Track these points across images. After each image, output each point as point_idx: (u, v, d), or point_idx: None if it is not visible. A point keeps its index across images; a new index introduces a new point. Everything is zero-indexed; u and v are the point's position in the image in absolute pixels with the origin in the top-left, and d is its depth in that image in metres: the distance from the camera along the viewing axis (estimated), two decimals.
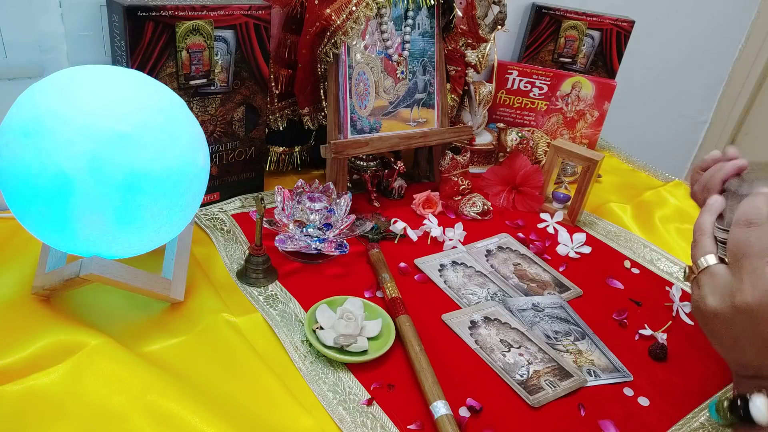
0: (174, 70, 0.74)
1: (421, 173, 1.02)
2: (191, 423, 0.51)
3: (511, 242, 0.89)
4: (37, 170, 0.50)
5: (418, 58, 0.92)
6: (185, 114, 0.59)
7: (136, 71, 0.58)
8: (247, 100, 0.83)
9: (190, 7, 0.72)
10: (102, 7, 0.76)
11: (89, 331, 0.57)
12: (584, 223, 0.97)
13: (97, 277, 0.56)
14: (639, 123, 1.68)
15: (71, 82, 0.53)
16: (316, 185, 0.79)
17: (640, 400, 0.64)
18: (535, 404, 0.61)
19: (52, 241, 0.56)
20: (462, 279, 0.79)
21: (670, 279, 0.86)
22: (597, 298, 0.80)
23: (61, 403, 0.52)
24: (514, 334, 0.70)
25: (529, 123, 1.18)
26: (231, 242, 0.78)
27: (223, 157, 0.84)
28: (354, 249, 0.80)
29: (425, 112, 0.94)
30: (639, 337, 0.73)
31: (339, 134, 0.85)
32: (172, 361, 0.58)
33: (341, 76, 0.84)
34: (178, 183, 0.56)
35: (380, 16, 0.85)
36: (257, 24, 0.78)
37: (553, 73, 1.14)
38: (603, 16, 1.20)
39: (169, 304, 0.65)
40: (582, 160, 0.91)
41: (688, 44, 1.62)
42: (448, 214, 0.93)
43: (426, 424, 0.57)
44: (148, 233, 0.57)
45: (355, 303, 0.67)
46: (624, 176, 1.19)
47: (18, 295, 0.62)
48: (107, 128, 0.51)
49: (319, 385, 0.59)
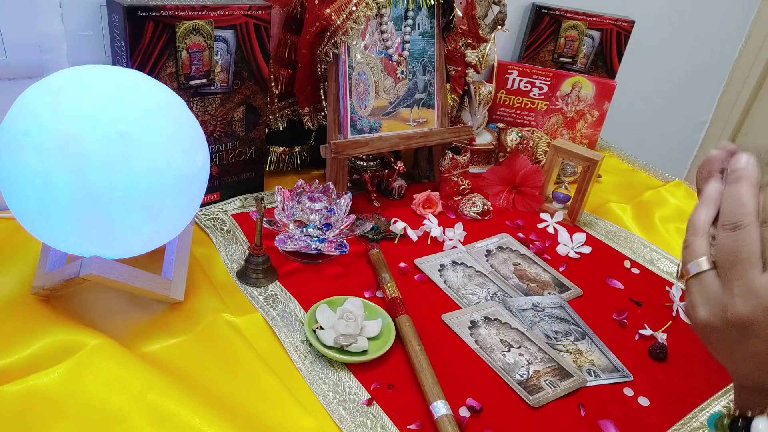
0: (174, 70, 0.74)
1: (421, 173, 1.02)
2: (191, 423, 0.51)
3: (511, 242, 0.89)
4: (37, 170, 0.50)
5: (418, 58, 0.92)
6: (185, 114, 0.59)
7: (136, 71, 0.58)
8: (247, 100, 0.83)
9: (190, 7, 0.72)
10: (102, 7, 0.76)
11: (89, 331, 0.57)
12: (584, 223, 0.97)
13: (97, 277, 0.56)
14: (639, 123, 1.68)
15: (71, 82, 0.53)
16: (316, 185, 0.79)
17: (640, 400, 0.64)
18: (535, 404, 0.61)
19: (52, 241, 0.56)
20: (462, 279, 0.79)
21: (670, 279, 0.86)
22: (597, 298, 0.80)
23: (61, 403, 0.52)
24: (514, 334, 0.70)
25: (529, 123, 1.18)
26: (231, 242, 0.78)
27: (223, 157, 0.84)
28: (354, 249, 0.80)
29: (425, 112, 0.94)
30: (639, 337, 0.73)
31: (339, 134, 0.85)
32: (172, 361, 0.58)
33: (341, 76, 0.84)
34: (177, 183, 0.56)
35: (380, 16, 0.85)
36: (257, 24, 0.78)
37: (553, 73, 1.14)
38: (603, 16, 1.20)
39: (169, 304, 0.65)
40: (582, 160, 0.91)
41: (688, 44, 1.62)
42: (448, 214, 0.93)
43: (426, 424, 0.57)
44: (148, 233, 0.57)
45: (355, 303, 0.67)
46: (624, 176, 1.19)
47: (18, 295, 0.62)
48: (107, 128, 0.51)
49: (319, 385, 0.59)
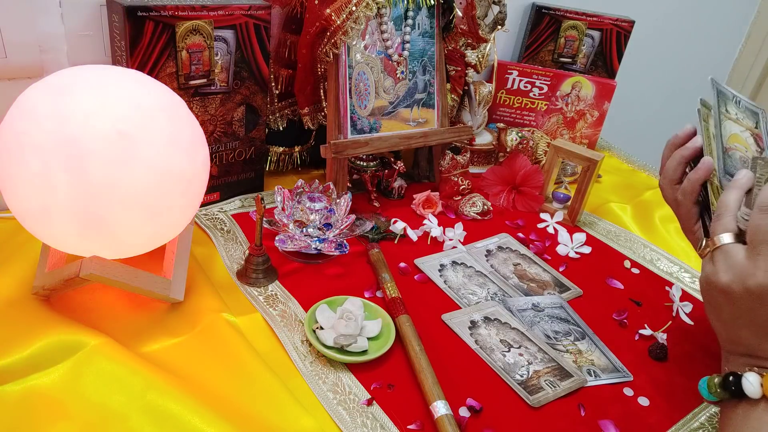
0: (174, 70, 0.74)
1: (421, 173, 1.02)
2: (191, 423, 0.51)
3: (511, 242, 0.89)
4: (37, 170, 0.50)
5: (418, 58, 0.92)
6: (185, 114, 0.59)
7: (136, 71, 0.58)
8: (247, 100, 0.83)
9: (190, 7, 0.72)
10: (102, 7, 0.76)
11: (89, 331, 0.57)
12: (584, 223, 0.97)
13: (97, 277, 0.56)
14: (639, 123, 1.68)
15: (71, 82, 0.53)
16: (316, 185, 0.79)
17: (640, 400, 0.64)
18: (535, 404, 0.61)
19: (52, 241, 0.56)
20: (462, 279, 0.79)
21: (670, 279, 0.86)
22: (597, 298, 0.80)
23: (61, 403, 0.52)
24: (514, 334, 0.70)
25: (529, 123, 1.18)
26: (231, 242, 0.78)
27: (223, 157, 0.84)
28: (354, 249, 0.80)
29: (425, 112, 0.94)
30: (639, 337, 0.73)
31: (339, 134, 0.85)
32: (172, 361, 0.58)
33: (341, 76, 0.84)
34: (177, 183, 0.56)
35: (380, 16, 0.85)
36: (257, 24, 0.78)
37: (553, 73, 1.14)
38: (603, 16, 1.20)
39: (169, 304, 0.65)
40: (582, 160, 0.91)
41: (688, 44, 1.62)
42: (448, 214, 0.93)
43: (426, 424, 0.57)
44: (148, 233, 0.57)
45: (355, 303, 0.67)
46: (624, 176, 1.19)
47: (18, 295, 0.62)
48: (107, 128, 0.51)
49: (319, 385, 0.59)
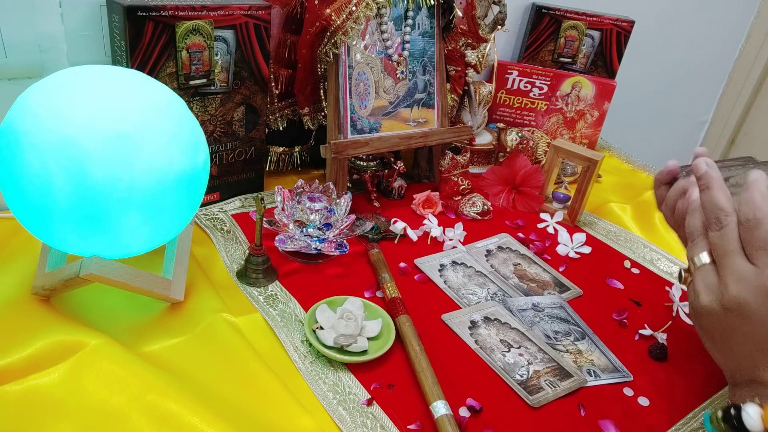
0: (174, 70, 0.74)
1: (421, 173, 1.02)
2: (191, 423, 0.51)
3: (511, 242, 0.89)
4: (37, 170, 0.50)
5: (418, 58, 0.92)
6: (185, 114, 0.59)
7: (136, 71, 0.58)
8: (247, 100, 0.83)
9: (190, 7, 0.72)
10: (102, 7, 0.76)
11: (89, 331, 0.57)
12: (584, 223, 0.97)
13: (97, 277, 0.56)
14: (639, 123, 1.68)
15: (71, 82, 0.53)
16: (316, 185, 0.79)
17: (640, 400, 0.64)
18: (535, 404, 0.61)
19: (52, 241, 0.56)
20: (462, 279, 0.79)
21: (670, 279, 0.86)
22: (597, 298, 0.80)
23: (61, 403, 0.52)
24: (514, 334, 0.70)
25: (529, 123, 1.18)
26: (231, 242, 0.78)
27: (223, 157, 0.84)
28: (354, 249, 0.80)
29: (425, 112, 0.94)
30: (639, 337, 0.73)
31: (339, 134, 0.85)
32: (172, 361, 0.58)
33: (341, 76, 0.84)
34: (177, 183, 0.56)
35: (380, 16, 0.85)
36: (257, 24, 0.78)
37: (553, 73, 1.14)
38: (603, 16, 1.20)
39: (169, 304, 0.65)
40: (582, 160, 0.91)
41: (688, 44, 1.62)
42: (448, 214, 0.93)
43: (426, 424, 0.57)
44: (148, 233, 0.57)
45: (355, 303, 0.67)
46: (624, 176, 1.19)
47: (18, 295, 0.62)
48: (107, 128, 0.51)
49: (319, 385, 0.59)
